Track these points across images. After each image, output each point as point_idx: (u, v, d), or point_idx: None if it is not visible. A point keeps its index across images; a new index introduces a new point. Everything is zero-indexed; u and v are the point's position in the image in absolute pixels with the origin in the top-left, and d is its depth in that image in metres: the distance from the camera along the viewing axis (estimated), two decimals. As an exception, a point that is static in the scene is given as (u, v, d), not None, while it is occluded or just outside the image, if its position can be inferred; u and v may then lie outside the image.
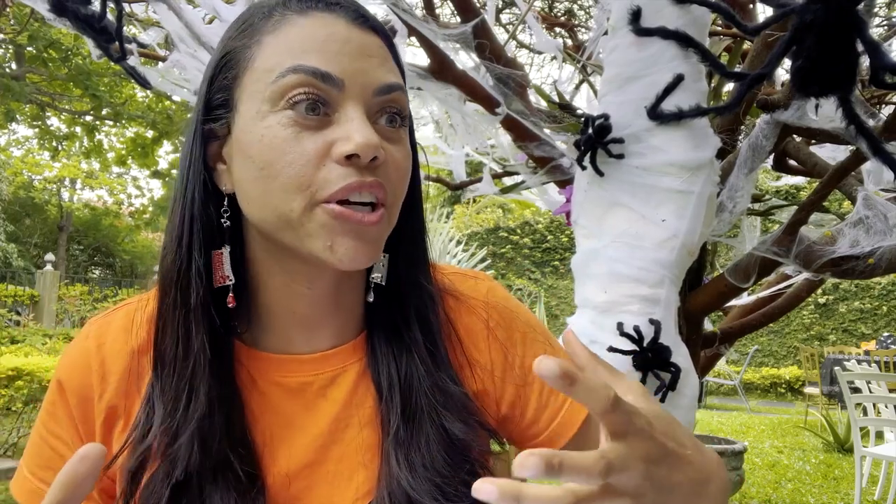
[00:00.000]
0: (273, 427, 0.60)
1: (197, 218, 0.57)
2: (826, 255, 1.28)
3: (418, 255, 0.65)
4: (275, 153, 0.53)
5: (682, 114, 1.02)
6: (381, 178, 0.54)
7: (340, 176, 0.52)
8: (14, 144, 17.81)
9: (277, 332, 0.62)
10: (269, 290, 0.60)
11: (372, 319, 0.64)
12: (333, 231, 0.53)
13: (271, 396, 0.61)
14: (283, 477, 0.58)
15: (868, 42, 0.79)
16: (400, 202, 0.58)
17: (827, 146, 1.95)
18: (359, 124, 0.52)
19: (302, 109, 0.52)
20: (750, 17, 1.66)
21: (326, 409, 0.61)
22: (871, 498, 4.35)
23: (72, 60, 10.91)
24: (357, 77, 0.53)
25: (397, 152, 0.56)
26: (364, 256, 0.54)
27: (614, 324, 1.06)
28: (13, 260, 15.11)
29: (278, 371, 0.61)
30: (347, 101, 0.53)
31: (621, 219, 1.09)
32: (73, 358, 0.62)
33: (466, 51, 1.56)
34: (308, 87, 0.52)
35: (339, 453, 0.60)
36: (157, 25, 1.78)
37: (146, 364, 0.60)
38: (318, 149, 0.52)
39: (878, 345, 8.60)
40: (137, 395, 0.60)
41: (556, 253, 13.43)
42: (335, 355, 0.63)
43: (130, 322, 0.62)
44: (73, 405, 0.60)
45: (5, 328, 9.18)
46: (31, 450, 0.62)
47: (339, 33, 0.54)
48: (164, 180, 15.59)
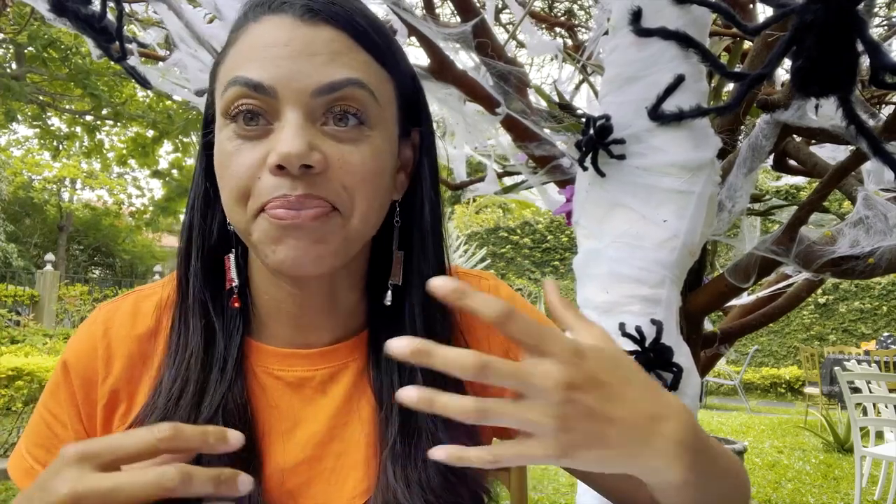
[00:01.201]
0: (271, 421, 0.60)
1: (196, 226, 0.61)
2: (826, 255, 1.28)
3: (426, 257, 0.63)
4: (222, 166, 0.54)
5: (682, 114, 1.02)
6: (321, 187, 0.51)
7: (271, 187, 0.51)
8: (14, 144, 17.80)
9: (278, 328, 0.62)
10: (263, 291, 0.61)
11: (376, 318, 0.64)
12: (272, 238, 0.52)
13: (271, 390, 0.61)
14: (279, 472, 0.58)
15: (868, 42, 0.79)
16: (365, 206, 0.54)
17: (827, 146, 1.95)
18: (287, 132, 0.50)
19: (241, 121, 0.52)
20: (750, 17, 1.66)
21: (326, 404, 0.61)
22: (871, 498, 4.35)
23: (72, 60, 10.91)
24: (292, 81, 0.51)
25: (352, 153, 0.53)
26: (306, 259, 0.52)
27: (616, 324, 1.06)
28: (13, 260, 15.10)
29: (278, 364, 0.62)
30: (285, 107, 0.52)
31: (622, 219, 1.09)
32: (79, 341, 0.63)
33: (466, 50, 1.56)
34: (243, 99, 0.52)
35: (337, 450, 0.60)
36: (158, 25, 1.78)
37: (151, 351, 0.61)
38: (256, 160, 0.52)
39: (878, 345, 8.60)
40: (141, 380, 0.61)
41: (556, 253, 13.42)
42: (335, 351, 0.63)
43: (138, 309, 0.64)
44: (76, 387, 0.61)
45: (5, 328, 9.18)
46: (31, 428, 0.63)
47: (281, 37, 0.52)
48: (164, 180, 15.59)
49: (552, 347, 0.42)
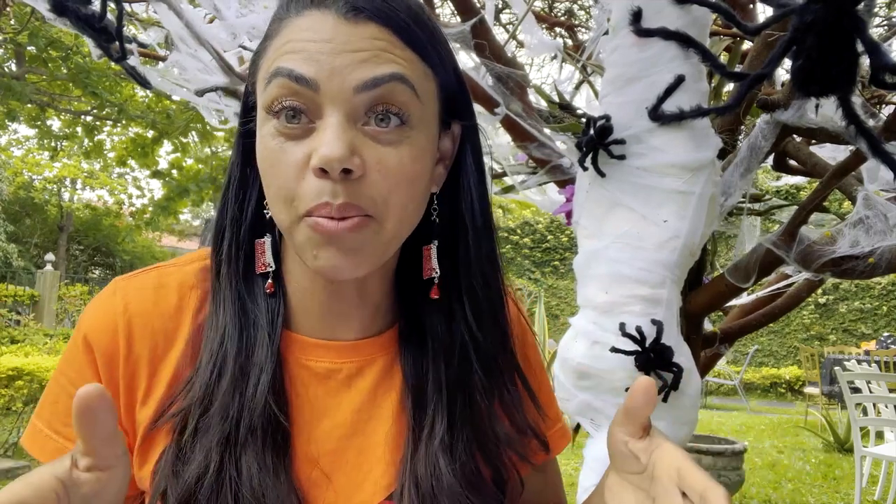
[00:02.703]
0: (296, 409, 0.60)
1: (230, 210, 0.61)
2: (826, 255, 1.28)
3: (475, 250, 0.62)
4: (266, 163, 0.54)
5: (683, 114, 1.02)
6: (360, 194, 0.52)
7: (314, 193, 0.51)
8: (14, 144, 17.80)
9: (308, 318, 0.62)
10: (297, 280, 0.62)
11: (409, 317, 0.64)
12: (315, 244, 0.53)
13: (298, 378, 0.61)
14: (305, 462, 0.58)
15: (868, 42, 0.79)
16: (399, 210, 0.54)
17: (827, 146, 1.95)
18: (329, 134, 0.50)
19: (284, 118, 0.52)
20: (750, 17, 1.66)
21: (351, 398, 0.61)
22: (871, 498, 4.35)
23: (72, 59, 10.90)
24: (334, 76, 0.51)
25: (391, 156, 0.53)
26: (346, 266, 0.53)
27: (616, 324, 1.06)
28: (13, 260, 15.08)
29: (307, 354, 0.62)
30: (327, 104, 0.51)
31: (623, 219, 1.09)
32: (96, 316, 0.61)
33: (466, 50, 1.56)
34: (286, 93, 0.51)
35: (359, 445, 0.60)
36: (158, 25, 1.78)
37: (174, 329, 0.61)
38: (299, 160, 0.52)
39: (878, 345, 8.60)
40: (163, 360, 0.60)
41: (556, 253, 13.42)
42: (365, 345, 0.63)
43: (162, 285, 0.62)
44: (100, 365, 0.59)
45: (5, 328, 9.18)
46: (53, 406, 0.60)
47: (324, 33, 0.52)
48: (164, 180, 15.57)
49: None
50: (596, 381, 1.09)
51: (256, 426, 0.55)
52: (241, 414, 0.55)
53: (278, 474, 0.55)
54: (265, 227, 0.61)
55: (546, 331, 7.12)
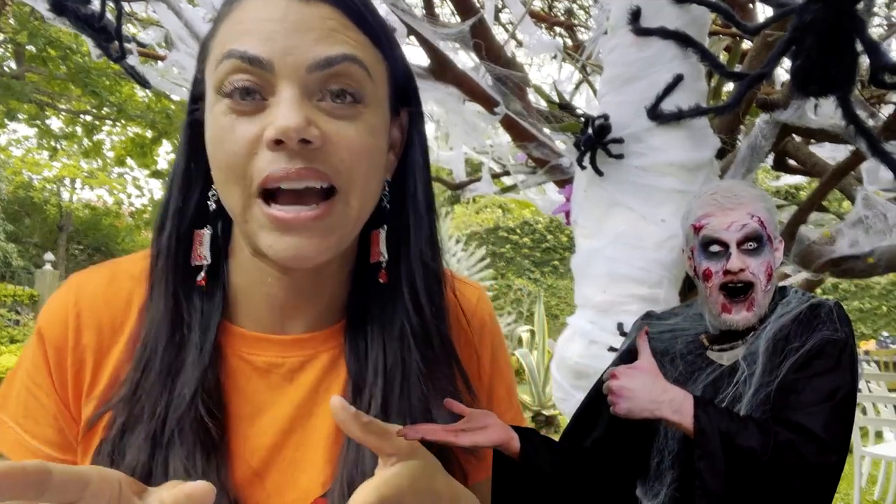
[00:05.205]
0: (235, 405, 0.59)
1: (173, 202, 0.59)
2: (826, 255, 1.28)
3: (421, 235, 0.62)
4: (216, 143, 0.53)
5: (681, 114, 1.02)
6: (320, 162, 0.51)
7: (268, 162, 0.50)
8: (13, 144, 17.79)
9: (253, 311, 0.61)
10: (244, 271, 0.60)
11: (357, 307, 0.63)
12: (271, 230, 0.52)
13: (238, 373, 0.60)
14: (241, 458, 0.58)
15: (868, 42, 0.79)
16: (362, 183, 0.54)
17: (826, 146, 1.95)
18: (284, 107, 0.49)
19: (237, 96, 0.51)
20: (750, 17, 1.66)
21: (292, 393, 0.60)
22: (871, 498, 4.35)
23: (71, 59, 10.89)
24: (287, 55, 0.50)
25: (349, 130, 0.52)
26: (308, 252, 0.52)
27: (614, 323, 1.06)
28: (12, 259, 15.08)
29: (249, 348, 0.60)
30: (280, 82, 0.51)
31: (621, 219, 1.09)
32: (51, 309, 0.61)
33: (466, 51, 1.56)
34: (238, 74, 0.51)
35: (298, 441, 0.59)
36: (157, 25, 1.78)
37: (122, 322, 0.60)
38: (252, 136, 0.51)
39: (878, 345, 8.59)
40: (109, 351, 0.59)
41: (556, 253, 13.42)
42: (308, 340, 0.62)
43: (113, 278, 0.62)
44: (49, 355, 0.59)
45: (5, 328, 9.18)
46: (15, 399, 0.60)
47: (276, 12, 0.51)
48: (163, 180, 15.57)
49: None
50: (593, 380, 1.09)
51: (185, 426, 0.54)
52: (168, 413, 0.54)
53: (207, 475, 0.53)
54: (207, 220, 0.60)
55: (545, 331, 7.11)
